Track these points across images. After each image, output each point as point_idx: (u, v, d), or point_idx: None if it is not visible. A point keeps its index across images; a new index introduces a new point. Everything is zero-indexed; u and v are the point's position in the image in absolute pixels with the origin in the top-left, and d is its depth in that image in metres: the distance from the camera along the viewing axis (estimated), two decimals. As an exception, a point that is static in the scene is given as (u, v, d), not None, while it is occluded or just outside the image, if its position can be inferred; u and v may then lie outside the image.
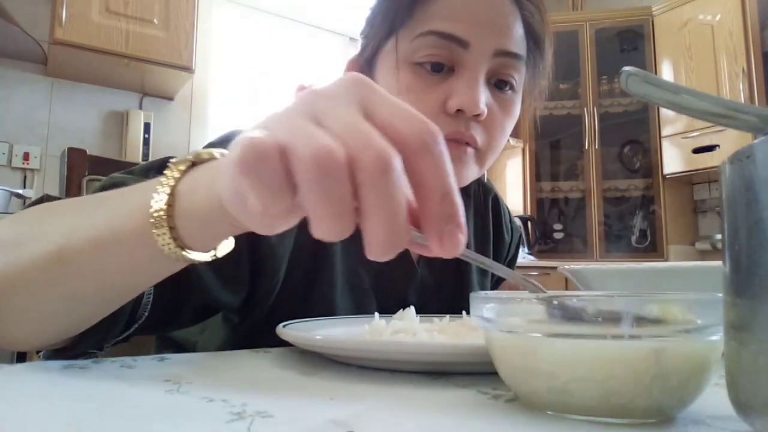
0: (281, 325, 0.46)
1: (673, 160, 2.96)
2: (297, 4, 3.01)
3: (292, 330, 0.44)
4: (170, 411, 0.28)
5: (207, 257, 0.34)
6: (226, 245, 0.35)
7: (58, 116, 2.32)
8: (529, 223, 3.09)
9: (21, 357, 1.46)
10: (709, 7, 2.81)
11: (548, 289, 0.32)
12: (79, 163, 1.34)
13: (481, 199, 0.78)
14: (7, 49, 2.12)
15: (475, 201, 0.77)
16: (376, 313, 0.52)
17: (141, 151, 2.42)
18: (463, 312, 0.53)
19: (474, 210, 0.77)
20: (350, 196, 0.23)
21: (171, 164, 0.33)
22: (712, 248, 2.89)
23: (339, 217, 0.23)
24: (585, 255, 3.05)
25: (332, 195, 0.22)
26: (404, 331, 0.45)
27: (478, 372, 0.37)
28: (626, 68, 0.27)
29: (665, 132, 3.00)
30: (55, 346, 0.41)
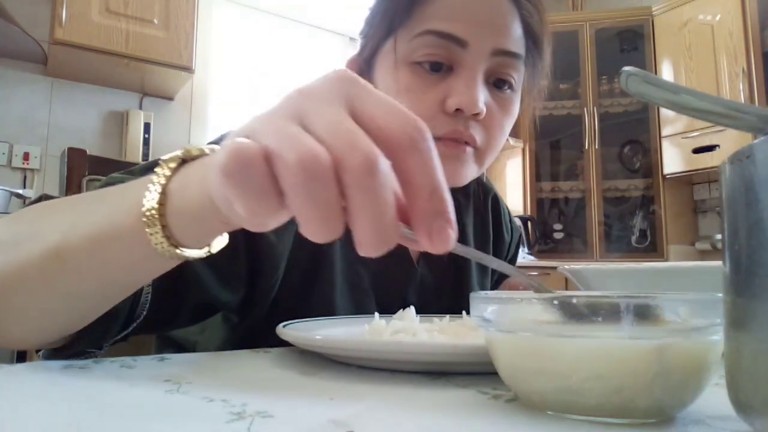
0: (281, 325, 0.46)
1: (673, 160, 2.96)
2: (297, 4, 3.01)
3: (292, 330, 0.44)
4: (170, 411, 0.28)
5: (201, 253, 0.34)
6: (219, 241, 0.36)
7: (58, 116, 2.32)
8: (529, 223, 3.09)
9: (21, 357, 1.46)
10: (709, 7, 2.81)
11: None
12: (79, 163, 1.34)
13: (481, 198, 0.78)
14: (7, 49, 2.12)
15: (474, 200, 0.77)
16: (376, 313, 0.52)
17: (141, 151, 2.42)
18: (463, 312, 0.53)
19: (473, 209, 0.77)
20: (337, 198, 0.23)
21: (162, 162, 0.33)
22: (712, 248, 2.89)
23: (326, 219, 0.23)
24: (585, 255, 3.04)
25: (318, 198, 0.22)
26: (404, 331, 0.45)
27: (478, 372, 0.37)
28: (626, 68, 0.27)
29: (665, 132, 3.00)
30: (54, 345, 0.41)
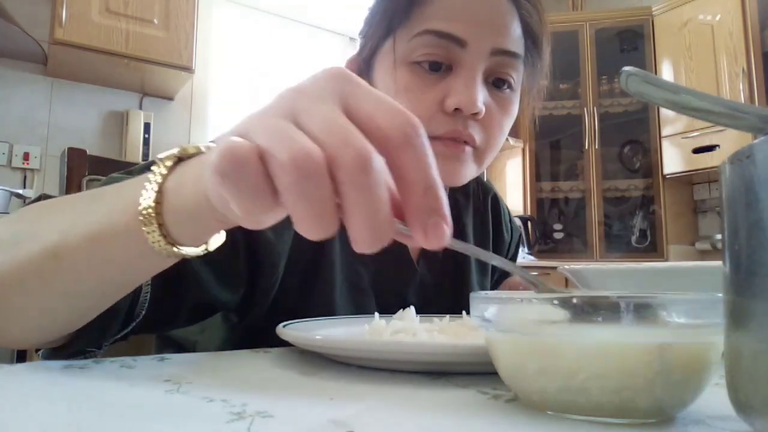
0: (281, 325, 0.46)
1: (673, 160, 2.96)
2: (297, 4, 3.01)
3: (292, 330, 0.43)
4: (170, 411, 0.28)
5: (198, 251, 0.34)
6: (217, 239, 0.36)
7: (58, 116, 2.32)
8: (529, 223, 3.08)
9: (21, 357, 1.46)
10: (709, 7, 2.81)
11: (548, 289, 0.32)
12: (79, 163, 1.34)
13: (480, 198, 0.78)
14: (7, 49, 2.12)
15: (474, 200, 0.77)
16: (376, 313, 0.52)
17: (141, 151, 2.42)
18: (463, 312, 0.53)
19: (473, 209, 0.77)
20: (331, 196, 0.23)
21: (158, 160, 0.33)
22: (712, 248, 2.89)
23: (320, 217, 0.23)
24: (585, 255, 3.04)
25: (312, 197, 0.22)
26: (404, 331, 0.45)
27: (478, 372, 0.37)
28: (626, 68, 0.27)
29: (665, 132, 2.99)
30: (53, 344, 0.41)
